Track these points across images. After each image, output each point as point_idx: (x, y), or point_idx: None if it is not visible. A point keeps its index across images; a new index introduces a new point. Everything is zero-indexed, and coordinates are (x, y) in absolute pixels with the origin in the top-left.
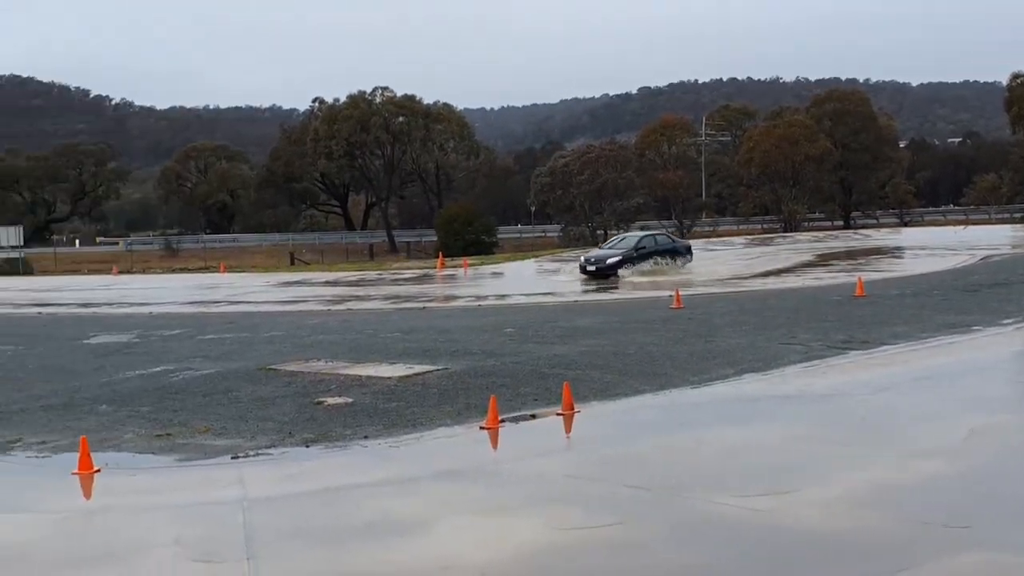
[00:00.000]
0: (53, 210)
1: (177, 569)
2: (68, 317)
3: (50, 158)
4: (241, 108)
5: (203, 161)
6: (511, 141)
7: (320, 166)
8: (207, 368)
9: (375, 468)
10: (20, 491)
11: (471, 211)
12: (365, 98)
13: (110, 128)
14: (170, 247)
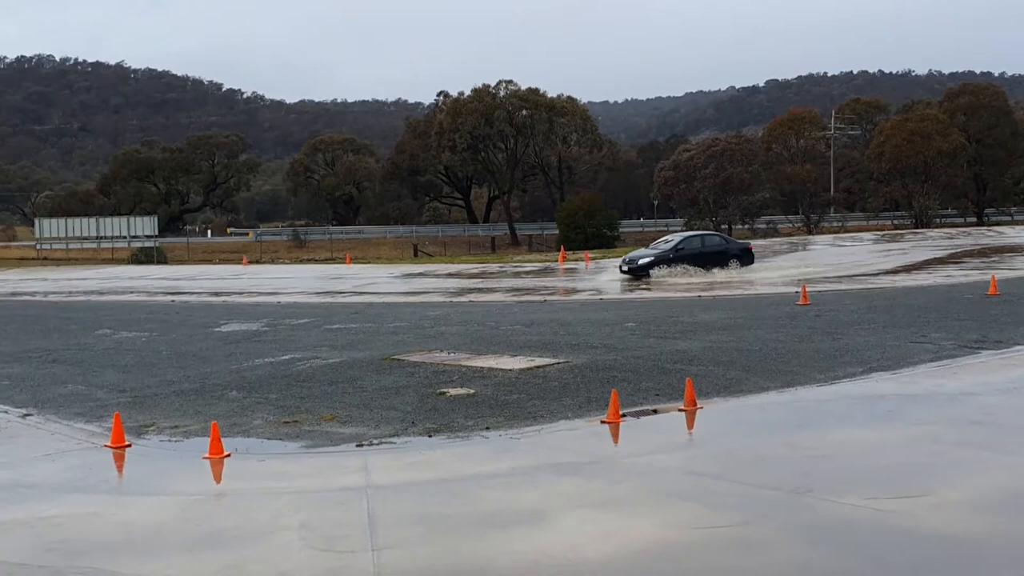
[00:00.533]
0: (186, 201)
1: (303, 553)
2: (200, 305)
3: (184, 150)
4: (367, 101)
5: (330, 154)
6: (634, 134)
7: (444, 159)
8: (333, 357)
9: (496, 459)
10: (154, 474)
11: (593, 204)
12: (489, 91)
13: (241, 121)
14: (298, 238)
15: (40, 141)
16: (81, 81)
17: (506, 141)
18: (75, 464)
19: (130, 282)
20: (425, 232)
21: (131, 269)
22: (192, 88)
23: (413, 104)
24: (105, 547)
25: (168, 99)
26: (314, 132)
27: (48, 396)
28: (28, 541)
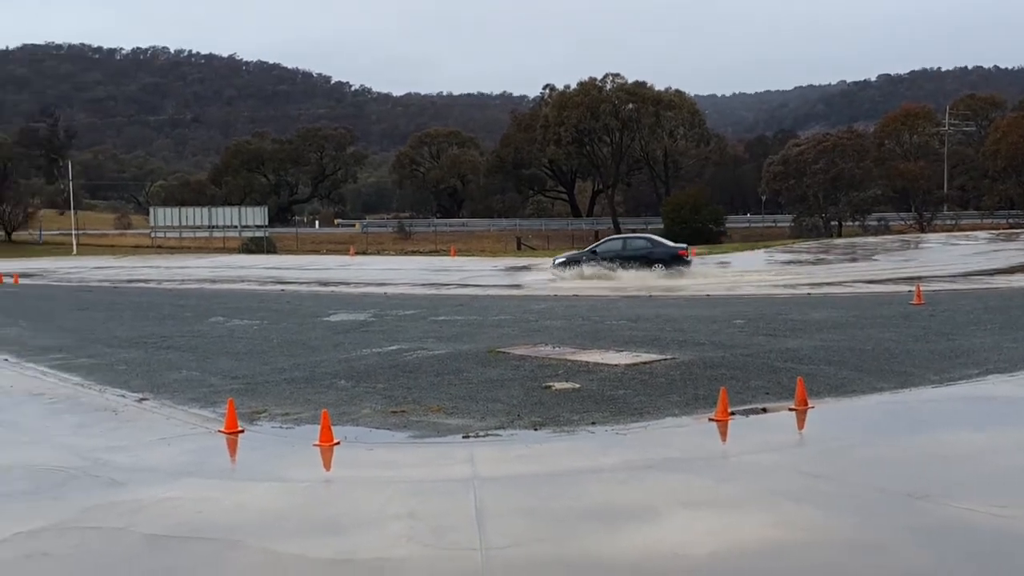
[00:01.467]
0: (295, 192)
1: (413, 543)
2: (308, 295)
3: (293, 142)
4: (473, 95)
5: (436, 146)
6: (741, 128)
7: (548, 152)
8: (439, 349)
9: (602, 454)
10: (266, 460)
11: (699, 199)
12: (595, 84)
13: (349, 113)
14: (403, 230)
15: (154, 131)
16: (195, 73)
17: (611, 135)
18: (190, 448)
19: (241, 271)
20: (528, 225)
21: (242, 258)
22: (302, 81)
23: (518, 97)
24: (219, 530)
25: (278, 91)
26: (420, 125)
27: (163, 381)
28: (146, 523)
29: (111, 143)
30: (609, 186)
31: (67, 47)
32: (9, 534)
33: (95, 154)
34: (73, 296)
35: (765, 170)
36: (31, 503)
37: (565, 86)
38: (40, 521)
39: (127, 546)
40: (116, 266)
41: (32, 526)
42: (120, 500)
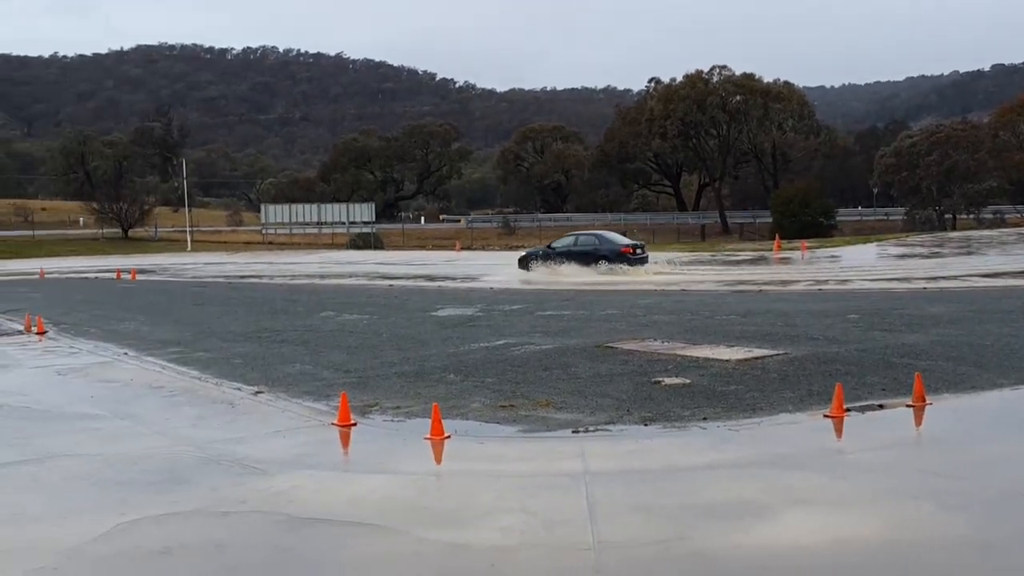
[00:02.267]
0: (401, 188)
1: (526, 535)
2: (416, 290)
3: (399, 139)
4: (577, 89)
5: (540, 142)
6: (851, 120)
7: (654, 146)
8: (546, 343)
9: (714, 450)
10: (379, 453)
11: (808, 192)
12: (702, 77)
13: (454, 110)
14: (507, 225)
15: (264, 130)
16: (303, 72)
17: (718, 127)
18: (304, 441)
19: (349, 266)
20: (633, 219)
21: (350, 254)
22: (407, 78)
23: (623, 91)
24: (335, 522)
25: (384, 89)
26: (524, 120)
27: (277, 375)
28: (263, 515)
29: (223, 142)
30: (716, 179)
31: (180, 48)
32: (138, 517)
33: (208, 152)
34: (189, 291)
35: (876, 162)
36: (161, 491)
37: (671, 79)
38: (174, 507)
39: (255, 534)
40: (229, 262)
41: (165, 511)
42: (242, 490)
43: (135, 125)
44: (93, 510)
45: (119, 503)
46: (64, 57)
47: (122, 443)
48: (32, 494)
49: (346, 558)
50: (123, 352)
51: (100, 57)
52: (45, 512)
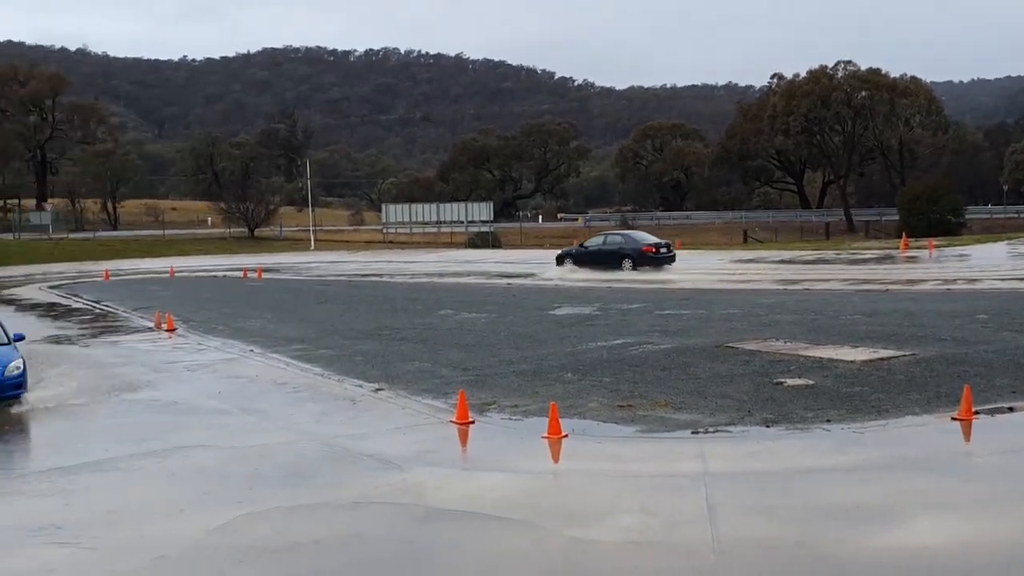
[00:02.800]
0: (519, 187)
1: (645, 536)
2: (533, 288)
3: (517, 138)
4: (697, 86)
5: (659, 139)
6: (980, 115)
7: (776, 143)
8: (665, 343)
9: (838, 453)
10: (497, 450)
11: (936, 189)
12: (826, 72)
13: (572, 108)
14: (626, 223)
15: (385, 130)
16: (423, 72)
17: (843, 124)
18: (424, 438)
19: (468, 265)
20: (755, 217)
21: (468, 253)
22: (526, 77)
23: (744, 87)
24: (458, 517)
25: (503, 88)
26: (643, 118)
27: (397, 372)
28: (388, 509)
29: (345, 142)
30: (840, 176)
31: (304, 50)
32: (265, 508)
33: (330, 153)
34: (312, 290)
35: (1007, 159)
36: (286, 485)
37: (794, 75)
38: (300, 500)
39: (380, 528)
40: (351, 261)
41: (291, 503)
42: (366, 485)
43: (261, 127)
44: (221, 502)
45: (246, 495)
46: (193, 61)
47: (249, 437)
48: (162, 485)
49: (469, 552)
50: (249, 349)
51: (228, 60)
52: (174, 503)
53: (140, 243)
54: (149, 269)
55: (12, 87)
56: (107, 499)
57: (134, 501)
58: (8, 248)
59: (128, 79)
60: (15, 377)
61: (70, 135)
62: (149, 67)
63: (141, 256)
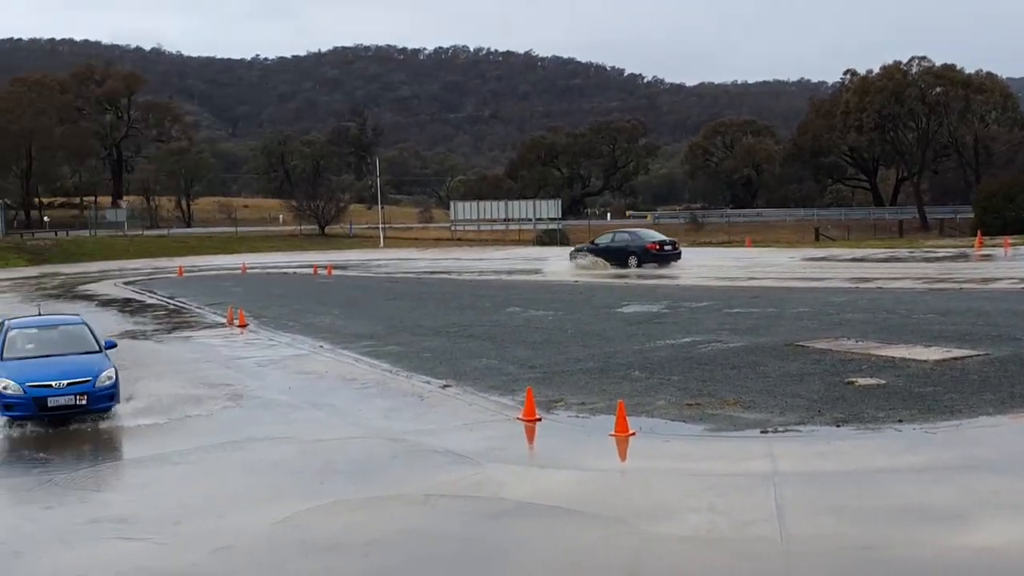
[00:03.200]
0: (587, 184)
1: (714, 534)
2: (601, 286)
3: (586, 135)
4: (768, 82)
5: (729, 136)
6: None
7: (849, 139)
8: (734, 341)
9: (909, 453)
10: (564, 448)
11: (1013, 187)
12: (900, 68)
13: (641, 105)
14: (695, 221)
15: (454, 128)
16: (492, 70)
17: (917, 120)
18: (492, 435)
19: (536, 263)
20: (827, 215)
21: (536, 250)
22: (595, 74)
23: (816, 83)
24: (525, 513)
25: (572, 85)
26: (713, 115)
27: (465, 369)
28: (457, 504)
29: (414, 140)
30: (914, 174)
31: (375, 49)
32: (334, 501)
33: (399, 151)
34: (381, 287)
35: None
36: (355, 479)
37: (867, 71)
38: (368, 494)
39: (449, 523)
40: (419, 258)
41: (360, 496)
42: (433, 480)
43: (332, 125)
44: (291, 495)
45: (316, 489)
46: (266, 60)
47: (318, 432)
48: (231, 477)
49: (539, 548)
50: (319, 345)
51: (299, 59)
52: (241, 495)
53: (213, 240)
54: (221, 265)
55: (89, 86)
56: (177, 491)
57: (200, 493)
58: (84, 245)
59: (202, 78)
60: (107, 388)
61: (145, 133)
62: (222, 66)
63: (214, 253)
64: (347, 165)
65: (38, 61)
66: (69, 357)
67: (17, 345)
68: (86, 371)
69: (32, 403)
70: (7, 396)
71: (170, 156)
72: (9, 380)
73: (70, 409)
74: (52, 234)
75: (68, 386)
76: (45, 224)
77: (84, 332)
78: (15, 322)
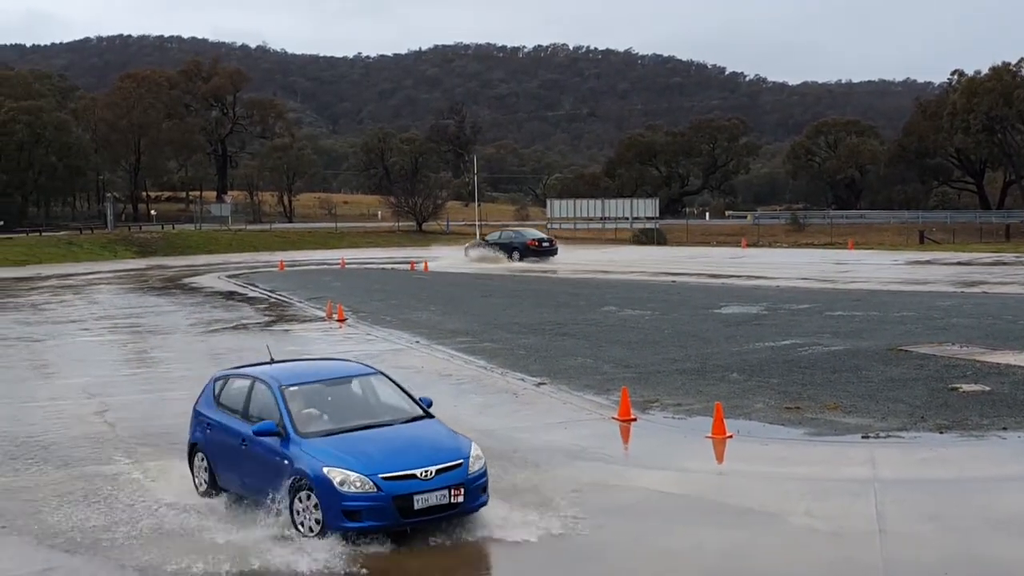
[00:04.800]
0: (686, 183)
1: (810, 539)
2: (698, 286)
3: (686, 133)
4: (873, 82)
5: (832, 136)
6: None
7: (956, 141)
8: (835, 345)
9: (1014, 461)
10: (659, 448)
11: None
12: (1009, 69)
13: (743, 104)
14: (796, 222)
15: (552, 126)
16: (591, 68)
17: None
18: (585, 433)
19: (632, 262)
20: (932, 218)
21: (633, 249)
22: (695, 72)
23: (923, 84)
24: (620, 513)
25: (672, 84)
26: (816, 114)
27: (559, 367)
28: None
29: (512, 138)
30: (1023, 176)
31: (474, 47)
32: None
33: (497, 149)
34: (477, 283)
35: None
36: None
37: (975, 71)
38: None
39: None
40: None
41: None
42: (523, 477)
43: (431, 122)
44: None
45: None
46: (367, 57)
47: None
48: None
49: (635, 548)
50: (415, 340)
51: (400, 57)
52: None
53: (313, 235)
54: (321, 260)
55: (196, 83)
56: None
57: None
58: (190, 238)
59: (305, 75)
60: (480, 476)
61: (250, 130)
62: (325, 64)
63: (314, 248)
64: (445, 162)
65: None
66: (399, 428)
67: (308, 411)
68: (450, 451)
69: (391, 506)
70: (349, 496)
71: (273, 152)
72: (347, 471)
73: (443, 512)
74: (159, 227)
75: (437, 475)
76: (152, 217)
77: (391, 387)
78: (276, 373)
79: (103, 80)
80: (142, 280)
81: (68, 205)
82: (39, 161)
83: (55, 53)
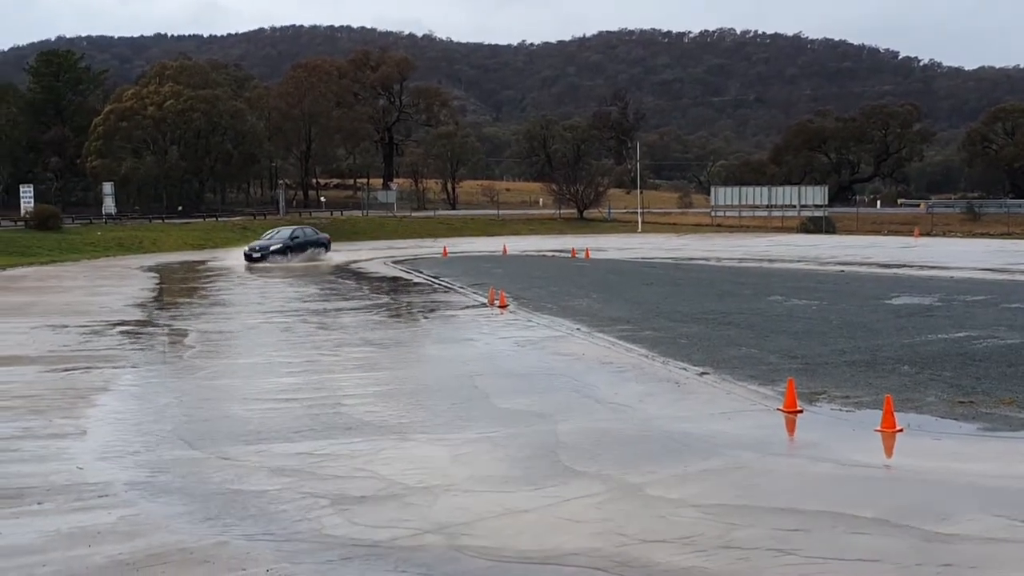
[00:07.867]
0: (856, 171)
1: (992, 537)
2: (868, 276)
3: (856, 119)
4: None
5: (1011, 122)
6: None
7: None
8: (1012, 338)
9: None
10: (826, 441)
11: None
12: None
13: (916, 89)
14: (971, 211)
15: (717, 112)
16: (759, 53)
17: None
18: (750, 424)
19: (799, 250)
20: None
21: (800, 238)
22: (867, 57)
23: None
24: (783, 509)
25: (842, 68)
26: (993, 100)
27: (722, 357)
28: (715, 490)
29: (675, 125)
30: None
31: (639, 32)
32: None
33: (660, 135)
34: (638, 271)
35: None
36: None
37: None
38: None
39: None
40: (677, 243)
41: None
42: (690, 467)
43: (593, 109)
44: (544, 476)
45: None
46: (531, 45)
47: (574, 417)
48: (489, 460)
49: (807, 544)
50: (576, 327)
51: (563, 44)
52: (498, 474)
53: (476, 222)
54: (483, 247)
55: (365, 72)
56: (425, 470)
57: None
58: (357, 224)
59: (469, 63)
60: None
61: (415, 118)
62: (489, 52)
63: (476, 235)
64: (607, 149)
65: (318, 47)
66: None
67: None
68: None
69: None
70: None
71: (438, 140)
72: None
73: None
74: (328, 213)
75: None
76: (321, 204)
77: None
78: None
79: (276, 70)
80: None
81: (243, 191)
82: (215, 148)
83: (231, 43)
